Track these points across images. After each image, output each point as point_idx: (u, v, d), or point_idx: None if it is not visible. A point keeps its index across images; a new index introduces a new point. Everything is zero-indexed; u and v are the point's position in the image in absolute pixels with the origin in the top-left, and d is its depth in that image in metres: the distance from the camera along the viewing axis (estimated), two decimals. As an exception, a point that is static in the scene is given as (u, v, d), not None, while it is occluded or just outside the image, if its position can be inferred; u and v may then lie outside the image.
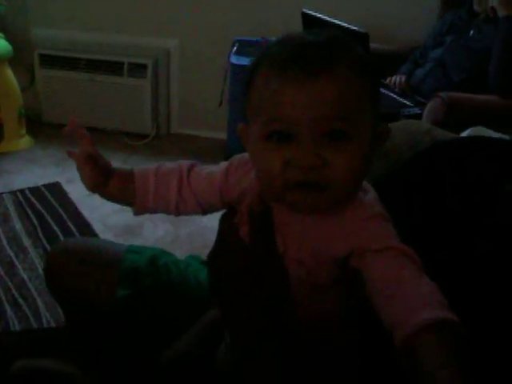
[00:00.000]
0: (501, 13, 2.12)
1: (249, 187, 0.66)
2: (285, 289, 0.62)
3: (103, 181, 0.69)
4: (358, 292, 0.59)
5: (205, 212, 0.73)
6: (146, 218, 1.99)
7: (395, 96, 2.37)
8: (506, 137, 1.32)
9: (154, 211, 0.73)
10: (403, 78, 2.43)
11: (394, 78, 2.47)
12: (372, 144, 0.59)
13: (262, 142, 0.59)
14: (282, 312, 0.63)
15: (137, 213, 0.73)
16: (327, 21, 2.15)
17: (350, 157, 0.56)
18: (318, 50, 0.56)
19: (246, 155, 0.68)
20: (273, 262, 0.62)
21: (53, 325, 1.66)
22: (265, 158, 0.59)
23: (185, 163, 0.72)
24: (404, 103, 2.31)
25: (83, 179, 0.69)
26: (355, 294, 0.59)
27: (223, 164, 0.71)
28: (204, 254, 1.93)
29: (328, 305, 0.63)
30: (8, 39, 2.74)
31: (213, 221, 0.76)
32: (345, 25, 2.03)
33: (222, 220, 0.70)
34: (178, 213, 0.73)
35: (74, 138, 0.68)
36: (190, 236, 2.16)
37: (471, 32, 2.28)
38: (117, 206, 0.77)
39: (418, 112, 2.15)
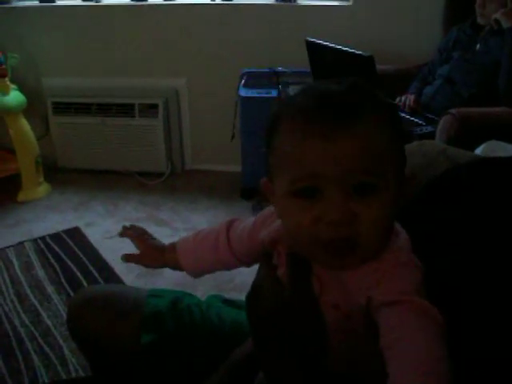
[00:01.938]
0: (505, 24, 2.12)
1: (278, 234, 0.67)
2: (319, 331, 0.61)
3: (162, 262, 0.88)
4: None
5: (248, 264, 0.81)
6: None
7: (406, 115, 2.36)
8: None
9: (207, 272, 0.86)
10: (412, 99, 2.42)
11: (403, 97, 2.47)
12: (399, 191, 0.58)
13: (289, 199, 0.58)
14: (317, 354, 0.61)
15: (195, 277, 0.87)
16: (331, 47, 2.16)
17: (379, 209, 0.55)
18: (340, 102, 0.55)
19: (270, 209, 0.71)
20: (308, 304, 0.61)
21: (80, 371, 1.66)
22: (293, 216, 0.58)
23: (223, 223, 0.81)
24: (415, 122, 2.30)
25: None
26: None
27: (253, 218, 0.76)
28: (227, 289, 1.92)
29: (362, 350, 0.61)
30: (21, 90, 2.80)
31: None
32: (349, 50, 2.05)
33: (261, 260, 0.70)
34: (226, 268, 0.83)
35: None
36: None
37: (478, 46, 2.28)
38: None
39: (431, 130, 2.13)
